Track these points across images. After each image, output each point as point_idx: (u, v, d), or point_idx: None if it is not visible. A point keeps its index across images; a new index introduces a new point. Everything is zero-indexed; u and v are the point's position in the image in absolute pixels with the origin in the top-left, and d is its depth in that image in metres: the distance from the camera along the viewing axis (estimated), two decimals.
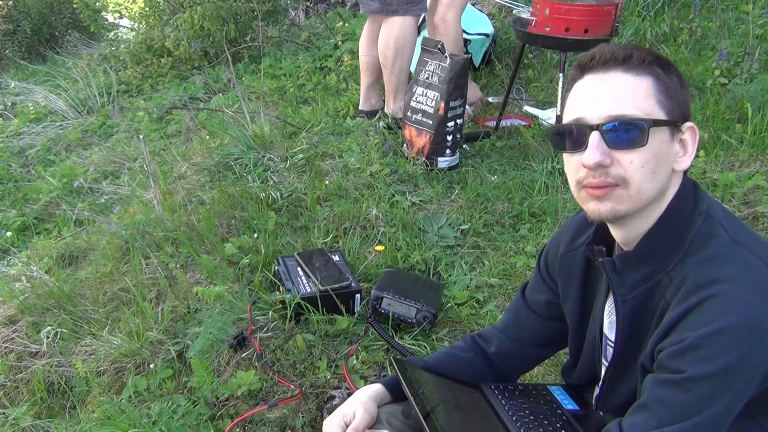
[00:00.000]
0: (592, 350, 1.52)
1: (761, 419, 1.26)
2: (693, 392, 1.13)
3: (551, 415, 1.61)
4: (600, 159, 1.21)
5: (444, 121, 3.39)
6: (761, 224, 2.75)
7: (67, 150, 5.28)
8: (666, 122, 1.23)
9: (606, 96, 1.23)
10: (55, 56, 8.23)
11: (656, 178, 1.23)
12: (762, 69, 3.64)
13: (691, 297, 1.17)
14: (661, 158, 1.23)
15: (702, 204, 1.27)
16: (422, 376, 1.65)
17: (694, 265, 1.21)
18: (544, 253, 1.64)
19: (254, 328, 2.52)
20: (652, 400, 1.19)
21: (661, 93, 1.23)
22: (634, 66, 1.22)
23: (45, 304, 2.89)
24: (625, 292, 1.31)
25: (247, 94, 5.03)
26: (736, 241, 1.21)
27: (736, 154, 3.14)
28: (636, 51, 1.24)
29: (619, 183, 1.23)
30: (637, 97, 1.22)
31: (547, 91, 4.40)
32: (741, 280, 1.15)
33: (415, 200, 3.26)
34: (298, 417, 2.21)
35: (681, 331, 1.16)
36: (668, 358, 1.17)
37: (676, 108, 1.24)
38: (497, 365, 1.71)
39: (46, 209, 4.20)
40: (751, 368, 1.14)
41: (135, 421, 2.20)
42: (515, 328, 1.71)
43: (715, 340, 1.11)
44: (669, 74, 1.24)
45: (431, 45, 3.46)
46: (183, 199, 3.37)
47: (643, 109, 1.21)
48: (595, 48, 1.27)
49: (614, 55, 1.23)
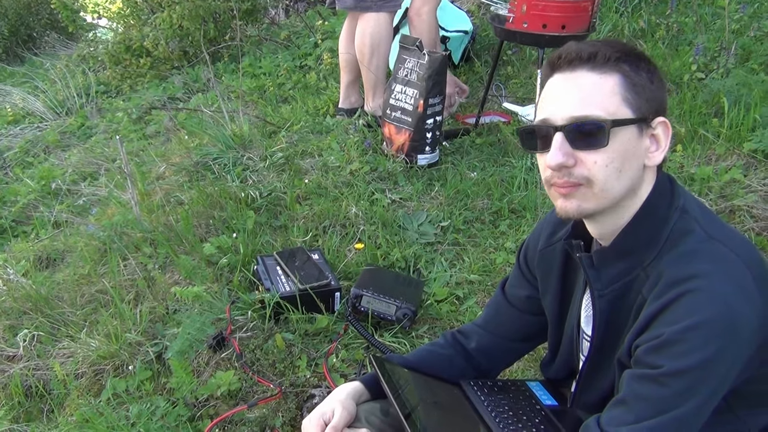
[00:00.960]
0: (569, 344, 1.52)
1: (739, 411, 1.27)
2: (670, 387, 1.14)
3: (530, 410, 1.61)
4: (562, 161, 1.22)
5: (423, 119, 3.39)
6: (738, 217, 2.77)
7: (45, 152, 5.24)
8: (631, 120, 1.22)
9: (570, 96, 1.23)
10: (33, 57, 8.17)
11: (623, 176, 1.23)
12: (738, 64, 3.66)
13: (668, 293, 1.17)
14: (627, 156, 1.22)
15: (678, 200, 1.27)
16: (401, 373, 1.65)
17: (670, 261, 1.22)
18: (524, 248, 1.64)
19: (233, 328, 2.51)
20: (629, 395, 1.19)
21: (628, 90, 1.21)
22: (600, 64, 1.21)
23: (22, 307, 2.87)
24: (602, 287, 1.32)
25: (227, 93, 5.01)
26: (712, 237, 1.22)
27: (713, 148, 3.15)
28: (603, 48, 1.22)
29: (582, 183, 1.23)
30: (602, 96, 1.21)
31: (526, 87, 4.40)
32: (716, 275, 1.15)
33: (395, 198, 3.26)
34: (278, 416, 2.21)
35: (658, 327, 1.17)
36: (645, 353, 1.18)
37: (644, 104, 1.23)
38: (477, 361, 1.71)
39: (24, 212, 4.16)
40: (727, 363, 1.14)
41: (113, 424, 2.19)
42: (495, 323, 1.71)
43: (691, 335, 1.12)
44: (637, 70, 1.23)
45: (409, 42, 3.45)
46: (161, 200, 3.35)
47: (606, 109, 1.20)
48: (564, 46, 1.26)
49: (579, 54, 1.22)
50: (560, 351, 1.58)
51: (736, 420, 1.29)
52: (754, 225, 2.73)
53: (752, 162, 3.04)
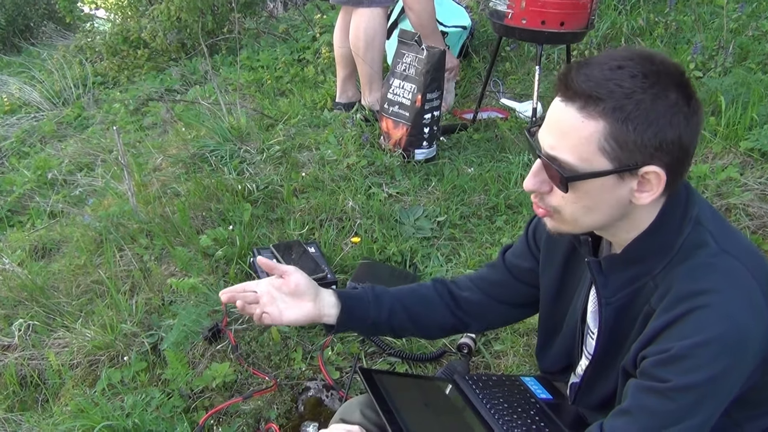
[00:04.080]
0: (571, 336, 1.51)
1: (737, 416, 1.28)
2: (676, 401, 1.14)
3: (525, 403, 1.62)
4: (531, 188, 1.25)
5: (421, 114, 3.39)
6: (734, 215, 2.78)
7: (41, 142, 5.22)
8: (601, 173, 1.16)
9: (552, 129, 1.20)
10: (30, 48, 8.13)
11: (594, 213, 1.22)
12: (735, 63, 3.67)
13: (678, 306, 1.17)
14: (600, 200, 1.20)
15: (692, 210, 1.25)
16: (391, 381, 1.66)
17: (681, 273, 1.21)
18: (534, 221, 1.63)
19: (229, 320, 2.52)
20: (634, 406, 1.19)
21: (608, 140, 1.14)
22: (590, 107, 1.14)
23: (17, 296, 2.86)
24: (609, 294, 1.31)
25: (225, 86, 5.00)
26: (724, 251, 1.20)
27: (710, 146, 3.16)
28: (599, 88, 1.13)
29: (551, 211, 1.26)
30: (577, 141, 1.16)
31: (524, 83, 4.41)
32: (727, 291, 1.15)
33: (392, 192, 3.26)
34: (273, 408, 2.21)
35: (666, 341, 1.17)
36: (653, 366, 1.17)
37: (626, 155, 1.15)
38: (463, 311, 1.70)
39: (20, 202, 4.15)
40: (734, 378, 1.15)
41: (108, 414, 2.18)
42: (488, 283, 1.70)
43: (700, 352, 1.12)
44: (627, 122, 1.12)
45: (408, 37, 3.45)
46: (158, 191, 3.35)
47: (580, 155, 1.16)
48: (577, 64, 1.18)
49: (579, 90, 1.15)
50: (560, 340, 1.57)
51: (732, 424, 1.30)
52: (750, 223, 2.74)
53: (748, 161, 3.05)
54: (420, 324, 1.70)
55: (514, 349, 2.41)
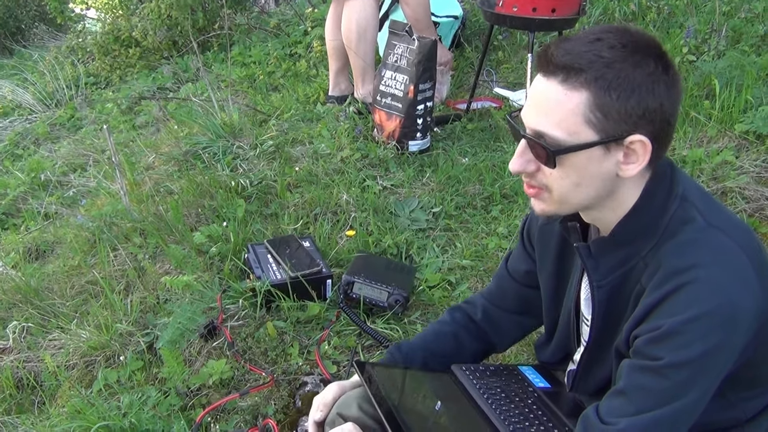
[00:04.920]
0: (566, 326, 1.51)
1: (732, 396, 1.28)
2: (670, 379, 1.14)
3: (522, 392, 1.61)
4: (518, 169, 1.24)
5: (414, 105, 3.37)
6: (730, 199, 2.76)
7: (35, 144, 5.21)
8: (589, 144, 1.16)
9: (537, 106, 1.19)
10: (21, 50, 8.11)
11: (582, 189, 1.21)
12: (729, 46, 3.65)
13: (667, 283, 1.16)
14: (587, 173, 1.19)
15: (678, 187, 1.25)
16: (386, 373, 1.64)
17: (669, 250, 1.20)
18: (527, 222, 1.64)
19: (225, 316, 2.50)
20: (629, 386, 1.19)
21: (593, 111, 1.14)
22: (572, 79, 1.14)
23: (11, 299, 2.85)
24: (600, 277, 1.30)
25: (217, 82, 4.98)
26: (712, 225, 1.20)
27: (705, 130, 3.14)
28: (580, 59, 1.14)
29: (542, 188, 1.25)
30: (563, 114, 1.16)
31: (517, 72, 4.39)
32: (716, 265, 1.14)
33: (386, 184, 3.24)
34: (271, 404, 2.20)
35: (657, 318, 1.16)
36: (645, 344, 1.17)
37: (612, 126, 1.15)
38: (484, 331, 1.71)
39: (14, 204, 4.14)
40: (727, 353, 1.14)
41: (105, 414, 2.17)
42: (498, 295, 1.71)
43: (692, 327, 1.11)
44: (609, 91, 1.13)
45: (399, 28, 3.43)
46: (151, 190, 3.33)
47: (567, 129, 1.16)
48: (556, 42, 1.19)
49: (559, 64, 1.16)
50: (557, 333, 1.57)
51: (730, 405, 1.29)
52: (746, 206, 2.72)
53: (744, 143, 3.03)
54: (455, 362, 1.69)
55: None
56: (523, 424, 1.48)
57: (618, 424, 1.17)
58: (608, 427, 1.18)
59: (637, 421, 1.16)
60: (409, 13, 3.84)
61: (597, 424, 1.20)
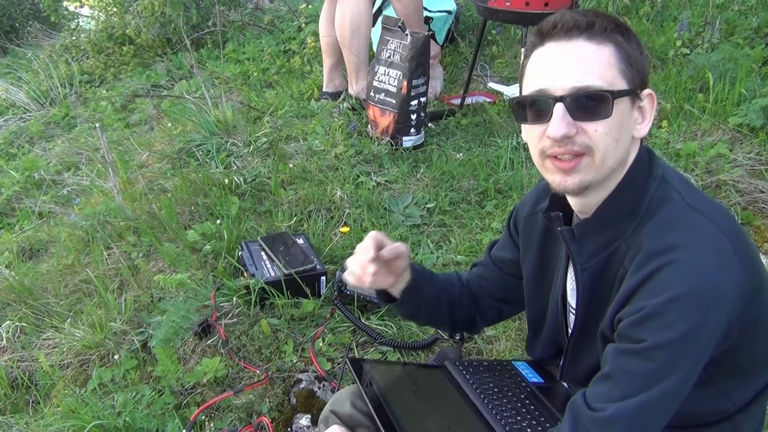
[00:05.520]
0: (555, 320, 1.51)
1: (721, 384, 1.27)
2: (654, 361, 1.13)
3: (515, 387, 1.61)
4: (565, 131, 1.20)
5: (407, 100, 3.36)
6: (723, 192, 2.76)
7: (29, 143, 5.19)
8: (627, 92, 1.21)
9: (570, 66, 1.21)
10: (15, 48, 8.06)
11: (619, 146, 1.23)
12: (722, 38, 3.64)
13: (648, 265, 1.16)
14: (623, 126, 1.22)
15: (657, 170, 1.27)
16: (382, 370, 1.64)
17: (649, 231, 1.21)
18: (514, 212, 1.65)
19: (219, 314, 2.50)
20: (614, 370, 1.18)
21: (623, 62, 1.21)
22: (597, 34, 1.20)
23: (5, 298, 2.85)
24: (584, 260, 1.31)
25: (211, 80, 4.97)
26: (691, 206, 1.21)
27: (699, 123, 3.14)
28: (597, 18, 1.21)
29: (585, 151, 1.22)
30: (601, 67, 1.20)
31: (511, 67, 4.38)
32: (696, 245, 1.15)
33: (381, 180, 3.24)
34: (265, 402, 2.20)
35: (639, 300, 1.16)
36: (628, 327, 1.17)
37: (636, 76, 1.23)
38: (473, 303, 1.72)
39: (9, 203, 4.13)
40: (709, 332, 1.14)
41: (99, 413, 2.17)
42: (480, 277, 1.73)
43: (672, 308, 1.11)
44: (629, 41, 1.22)
45: (392, 23, 3.42)
46: (144, 188, 3.32)
47: (606, 79, 1.19)
48: (557, 14, 1.23)
49: (577, 23, 1.20)
50: (545, 327, 1.56)
51: (719, 394, 1.28)
52: (740, 199, 2.72)
53: (738, 136, 3.03)
54: (453, 312, 1.70)
55: (506, 334, 2.40)
56: (515, 419, 1.48)
57: (606, 410, 1.16)
58: (596, 414, 1.17)
59: (624, 406, 1.15)
60: (400, 9, 3.84)
61: (585, 410, 1.19)
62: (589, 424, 1.18)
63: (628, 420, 1.15)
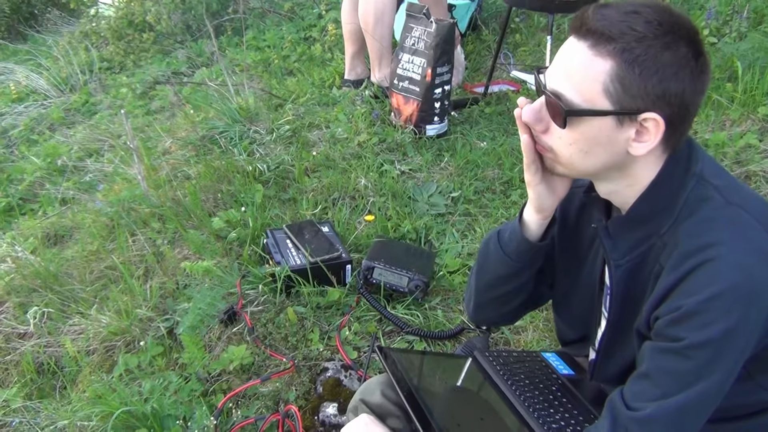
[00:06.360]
0: (589, 299, 1.47)
1: (758, 377, 1.25)
2: (694, 360, 1.12)
3: (546, 379, 1.60)
4: (528, 118, 1.23)
5: (431, 88, 3.34)
6: (754, 183, 2.73)
7: (50, 129, 5.20)
8: (602, 112, 1.15)
9: (561, 66, 1.19)
10: (35, 35, 8.08)
11: (590, 157, 1.21)
12: (751, 27, 3.59)
13: (686, 262, 1.15)
14: (597, 142, 1.19)
15: (695, 166, 1.23)
16: (410, 359, 1.63)
17: (686, 229, 1.19)
18: None
19: (244, 302, 2.50)
20: (653, 369, 1.17)
21: (613, 81, 1.13)
22: (601, 43, 1.14)
23: (31, 284, 2.86)
24: (619, 256, 1.29)
25: (231, 67, 4.95)
26: (730, 203, 1.18)
27: (727, 113, 3.10)
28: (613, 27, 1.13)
29: (548, 150, 1.24)
30: (582, 78, 1.16)
31: (535, 55, 4.34)
32: (735, 242, 1.13)
33: (404, 169, 3.22)
34: (292, 390, 2.20)
35: (677, 298, 1.14)
36: (666, 325, 1.15)
37: (628, 100, 1.14)
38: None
39: (31, 189, 4.14)
40: (749, 330, 1.12)
41: (126, 399, 2.17)
42: None
43: (712, 306, 1.10)
44: (633, 65, 1.12)
45: (416, 11, 3.39)
46: (168, 175, 3.32)
47: (582, 93, 1.16)
48: (591, 8, 1.18)
49: (592, 26, 1.15)
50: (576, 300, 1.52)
51: (757, 388, 1.27)
52: None
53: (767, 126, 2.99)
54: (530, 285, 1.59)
55: (533, 324, 2.38)
56: (548, 411, 1.46)
57: (645, 410, 1.15)
58: (635, 413, 1.16)
59: (664, 405, 1.14)
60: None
61: (623, 410, 1.18)
62: (628, 423, 1.16)
63: (667, 419, 1.14)
